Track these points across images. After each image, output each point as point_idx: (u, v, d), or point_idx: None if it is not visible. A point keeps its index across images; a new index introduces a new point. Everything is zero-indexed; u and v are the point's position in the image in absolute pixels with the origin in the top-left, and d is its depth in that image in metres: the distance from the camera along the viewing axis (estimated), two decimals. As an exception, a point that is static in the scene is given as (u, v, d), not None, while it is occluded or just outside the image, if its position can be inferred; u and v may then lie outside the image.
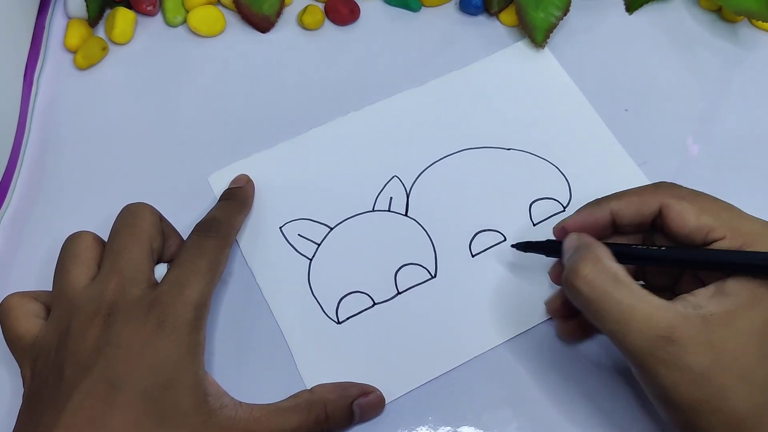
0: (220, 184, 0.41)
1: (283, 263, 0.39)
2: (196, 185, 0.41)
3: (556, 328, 0.37)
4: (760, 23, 0.46)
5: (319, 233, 0.40)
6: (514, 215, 0.41)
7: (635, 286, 0.30)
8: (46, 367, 0.32)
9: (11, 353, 0.34)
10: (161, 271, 0.35)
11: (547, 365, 0.37)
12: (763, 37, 0.46)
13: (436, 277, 0.39)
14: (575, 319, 0.36)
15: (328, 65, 0.45)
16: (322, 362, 0.37)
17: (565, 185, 0.42)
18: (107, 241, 0.35)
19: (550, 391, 0.36)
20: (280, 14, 0.46)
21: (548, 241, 0.36)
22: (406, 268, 0.39)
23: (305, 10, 0.46)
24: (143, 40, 0.46)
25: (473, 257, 0.40)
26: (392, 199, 0.41)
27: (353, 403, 0.35)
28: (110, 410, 0.29)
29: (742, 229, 0.30)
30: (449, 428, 0.36)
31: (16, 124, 0.42)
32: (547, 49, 0.46)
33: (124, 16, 0.46)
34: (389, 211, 0.41)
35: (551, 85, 0.45)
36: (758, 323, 0.29)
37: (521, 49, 0.46)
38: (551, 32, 0.45)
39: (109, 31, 0.46)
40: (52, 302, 0.34)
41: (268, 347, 0.37)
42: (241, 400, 0.33)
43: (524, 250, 0.37)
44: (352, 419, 0.35)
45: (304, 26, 0.47)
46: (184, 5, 0.46)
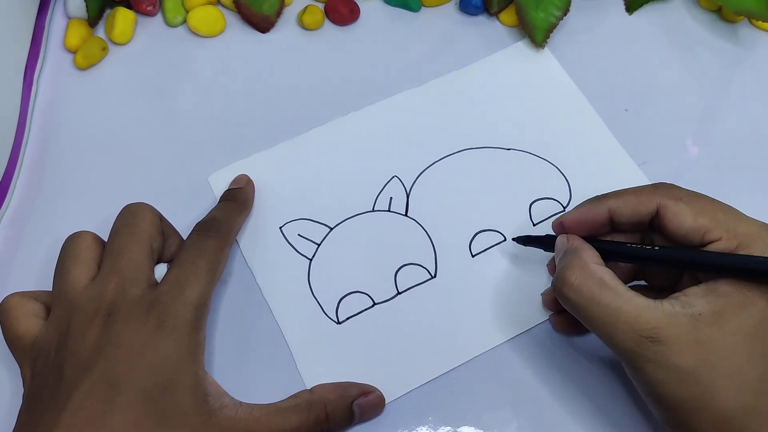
0: (220, 184, 0.41)
1: (283, 263, 0.39)
2: (196, 185, 0.41)
3: (550, 320, 0.37)
4: (760, 23, 0.46)
5: (319, 233, 0.40)
6: (514, 215, 0.41)
7: (622, 288, 0.30)
8: (46, 367, 0.32)
9: (11, 353, 0.34)
10: (161, 271, 0.35)
11: (547, 365, 0.37)
12: (763, 37, 0.47)
13: (436, 277, 0.39)
14: (568, 314, 0.36)
15: (328, 65, 0.45)
16: (322, 362, 0.37)
17: (565, 185, 0.42)
18: (107, 241, 0.35)
19: (550, 390, 0.36)
20: (280, 14, 0.46)
21: (547, 236, 0.36)
22: (406, 268, 0.39)
23: (305, 10, 0.46)
24: (143, 40, 0.46)
25: (473, 257, 0.40)
26: (392, 199, 0.41)
27: (353, 403, 0.35)
28: (110, 410, 0.29)
29: (738, 230, 0.30)
30: (449, 428, 0.36)
31: (16, 124, 0.42)
32: (547, 49, 0.46)
33: (124, 16, 0.46)
34: (389, 211, 0.41)
35: (551, 85, 0.45)
36: (748, 324, 0.29)
37: (521, 49, 0.46)
38: (551, 32, 0.45)
39: (109, 31, 0.46)
40: (52, 302, 0.34)
41: (268, 347, 0.37)
42: (241, 400, 0.33)
43: (524, 243, 0.37)
44: (352, 419, 0.35)
45: (304, 26, 0.47)
46: (184, 5, 0.46)
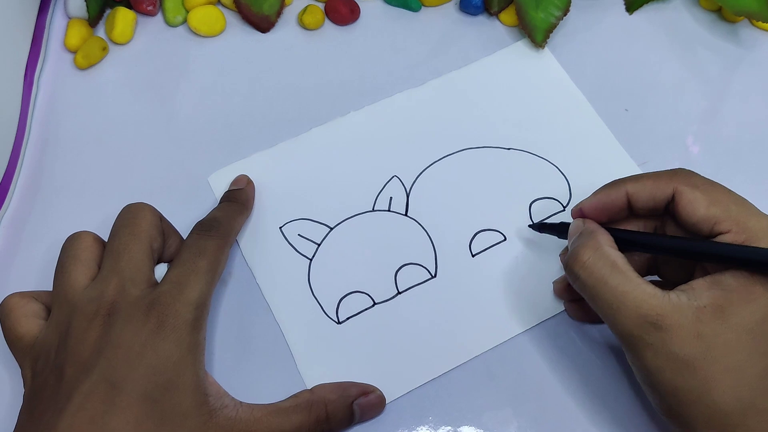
0: (220, 184, 0.41)
1: (283, 263, 0.39)
2: (196, 185, 0.41)
3: (565, 307, 0.38)
4: (760, 23, 0.46)
5: (319, 233, 0.40)
6: (514, 215, 0.41)
7: (632, 274, 0.31)
8: (46, 367, 0.32)
9: (11, 354, 0.34)
10: (161, 271, 0.35)
11: (547, 364, 0.37)
12: (763, 37, 0.47)
13: (436, 276, 0.39)
14: (579, 301, 0.36)
15: (328, 65, 0.45)
16: (322, 362, 0.37)
17: (564, 185, 0.42)
18: (107, 241, 0.35)
19: (550, 390, 0.36)
20: (280, 14, 0.46)
21: (562, 223, 0.37)
22: (406, 267, 0.39)
23: (305, 10, 0.46)
24: (143, 40, 0.46)
25: (473, 257, 0.40)
26: (392, 198, 0.41)
27: (354, 402, 0.35)
28: (111, 411, 0.29)
29: (748, 224, 0.31)
30: (449, 428, 0.36)
31: (16, 124, 0.42)
32: (547, 48, 0.46)
33: (124, 16, 0.46)
34: (389, 211, 0.41)
35: (551, 84, 0.45)
36: (751, 319, 0.29)
37: (521, 48, 0.46)
38: (551, 32, 0.45)
39: (109, 31, 0.46)
40: (52, 303, 0.34)
41: (268, 348, 0.37)
42: (241, 400, 0.33)
43: (540, 230, 0.38)
44: (352, 419, 0.35)
45: (304, 26, 0.47)
46: (184, 5, 0.46)
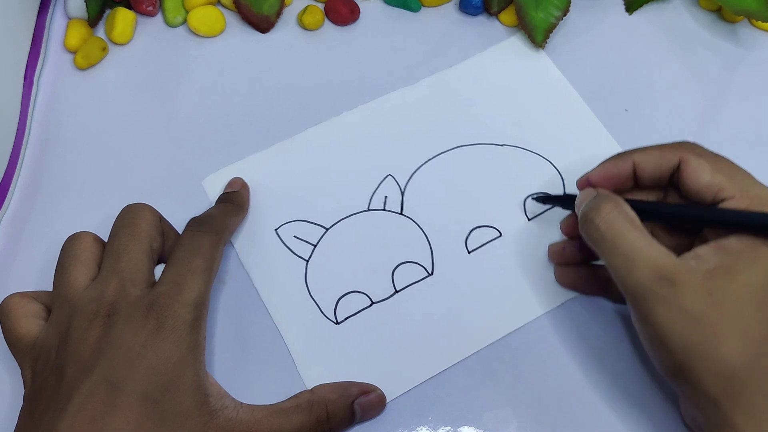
0: (214, 187, 0.41)
1: (279, 265, 0.39)
2: (196, 185, 0.41)
3: (554, 272, 0.38)
4: (759, 23, 0.46)
5: (314, 234, 0.40)
6: (508, 211, 0.41)
7: (648, 235, 0.32)
8: (46, 368, 0.31)
9: (11, 354, 0.34)
10: (161, 271, 0.35)
11: (546, 359, 0.37)
12: (763, 37, 0.47)
13: (433, 274, 0.39)
14: (572, 267, 0.38)
15: (328, 65, 0.45)
16: (322, 363, 0.37)
17: (558, 180, 0.42)
18: (107, 241, 0.35)
19: (550, 389, 0.36)
20: (280, 14, 0.46)
21: (565, 194, 0.37)
22: (403, 266, 0.39)
23: (305, 10, 0.46)
24: (143, 40, 0.46)
25: (469, 253, 0.40)
26: (387, 198, 0.41)
27: (354, 402, 0.35)
28: (111, 411, 0.29)
29: (752, 192, 0.31)
30: (449, 428, 0.36)
31: (16, 124, 0.42)
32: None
33: (124, 16, 0.46)
34: (384, 210, 0.41)
35: (542, 80, 0.45)
36: (757, 280, 0.30)
37: (512, 45, 0.46)
38: (551, 32, 0.45)
39: (109, 31, 0.46)
40: (52, 303, 0.34)
41: (267, 350, 0.37)
42: (241, 402, 0.33)
43: (543, 202, 0.39)
44: (353, 419, 0.35)
45: (304, 26, 0.47)
46: (184, 5, 0.46)
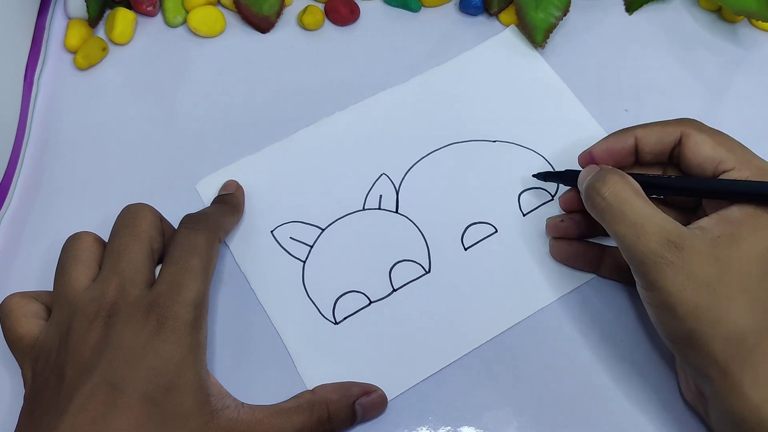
0: (208, 190, 0.41)
1: (276, 267, 0.39)
2: (195, 186, 0.41)
3: (550, 246, 0.39)
4: (759, 23, 0.46)
5: (310, 235, 0.40)
6: (503, 206, 0.41)
7: (653, 205, 0.32)
8: (47, 368, 0.31)
9: (12, 354, 0.34)
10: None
11: (546, 359, 0.37)
12: (763, 37, 0.47)
13: (430, 272, 0.39)
14: (566, 240, 0.38)
15: (328, 66, 0.45)
16: (321, 363, 0.37)
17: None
18: (108, 241, 0.35)
19: (550, 389, 0.36)
20: (280, 14, 0.46)
21: (566, 171, 0.38)
22: (400, 264, 0.39)
23: (305, 10, 0.46)
24: (143, 40, 0.46)
25: (466, 250, 0.40)
26: (382, 197, 0.41)
27: (355, 402, 0.35)
28: (112, 412, 0.29)
29: (752, 163, 0.32)
30: (449, 428, 0.36)
31: (16, 124, 0.42)
32: (525, 40, 0.46)
33: (124, 16, 0.45)
34: (380, 209, 0.41)
35: (532, 74, 0.45)
36: (762, 246, 0.31)
37: (500, 41, 0.46)
38: (551, 32, 0.45)
39: (109, 31, 0.46)
40: (52, 303, 0.34)
41: (267, 351, 0.37)
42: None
43: (545, 179, 0.40)
44: (354, 419, 0.35)
45: (304, 26, 0.46)
46: (184, 5, 0.46)
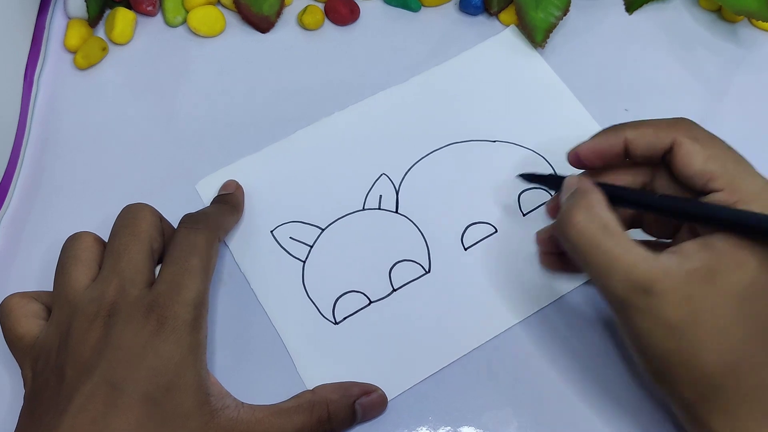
0: (208, 191, 0.41)
1: (276, 267, 0.39)
2: (195, 186, 0.41)
3: (540, 257, 0.38)
4: (760, 23, 0.46)
5: (310, 235, 0.40)
6: (503, 206, 0.41)
7: (624, 237, 0.30)
8: (47, 368, 0.31)
9: (12, 354, 0.34)
10: (161, 270, 0.35)
11: (547, 359, 0.37)
12: (763, 37, 0.47)
13: (430, 272, 0.39)
14: (558, 254, 0.37)
15: (328, 65, 0.45)
16: (321, 363, 0.37)
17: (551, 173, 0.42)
18: (107, 241, 0.35)
19: (550, 389, 0.36)
20: (280, 14, 0.46)
21: (551, 175, 0.37)
22: (400, 264, 0.39)
23: (305, 10, 0.46)
24: (143, 40, 0.46)
25: (466, 250, 0.40)
26: (382, 197, 0.41)
27: (355, 402, 0.35)
28: (112, 412, 0.29)
29: (742, 186, 0.30)
30: (449, 428, 0.36)
31: (16, 124, 0.42)
32: (524, 39, 0.46)
33: (124, 16, 0.45)
34: (380, 209, 0.41)
35: (531, 74, 0.45)
36: (739, 284, 0.29)
37: (500, 41, 0.46)
38: (551, 32, 0.45)
39: (109, 31, 0.46)
40: (52, 303, 0.34)
41: (267, 351, 0.37)
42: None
43: (529, 180, 0.38)
44: (354, 419, 0.35)
45: (304, 26, 0.46)
46: (184, 5, 0.46)
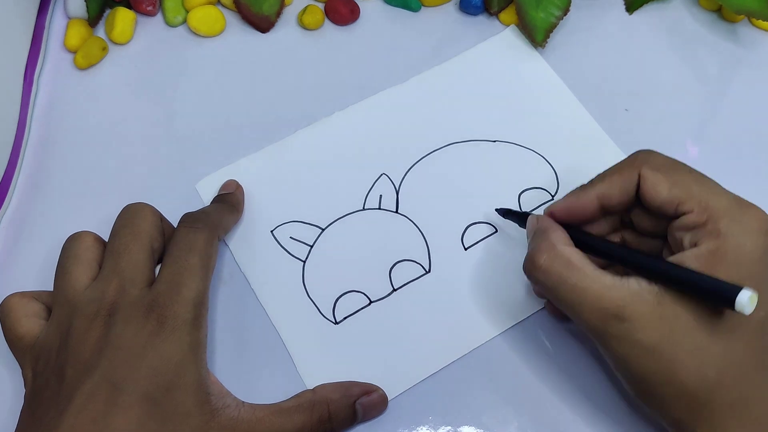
0: (208, 190, 0.41)
1: (276, 267, 0.39)
2: (195, 186, 0.41)
3: (545, 306, 0.38)
4: (760, 23, 0.46)
5: (311, 235, 0.40)
6: (503, 206, 0.40)
7: (589, 268, 0.31)
8: (47, 368, 0.31)
9: (12, 354, 0.34)
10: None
11: (547, 359, 0.37)
12: (763, 36, 0.47)
13: (430, 271, 0.39)
14: None
15: (328, 65, 0.45)
16: (321, 363, 0.37)
17: (552, 174, 0.42)
18: (108, 241, 0.35)
19: (550, 388, 0.36)
20: (280, 14, 0.46)
21: (524, 213, 0.37)
22: (400, 264, 0.39)
23: (305, 10, 0.46)
24: (143, 40, 0.46)
25: (466, 250, 0.40)
26: (382, 196, 0.41)
27: (356, 402, 0.35)
28: (113, 411, 0.29)
29: (709, 204, 0.31)
30: (449, 428, 0.36)
31: (16, 124, 0.42)
32: (524, 39, 0.46)
33: (124, 16, 0.45)
34: (380, 209, 0.41)
35: (531, 74, 0.45)
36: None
37: (500, 40, 0.46)
38: (551, 32, 0.45)
39: (109, 31, 0.46)
40: (53, 303, 0.34)
41: (267, 351, 0.37)
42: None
43: (504, 216, 0.39)
44: (354, 419, 0.35)
45: (304, 26, 0.46)
46: (184, 5, 0.46)
